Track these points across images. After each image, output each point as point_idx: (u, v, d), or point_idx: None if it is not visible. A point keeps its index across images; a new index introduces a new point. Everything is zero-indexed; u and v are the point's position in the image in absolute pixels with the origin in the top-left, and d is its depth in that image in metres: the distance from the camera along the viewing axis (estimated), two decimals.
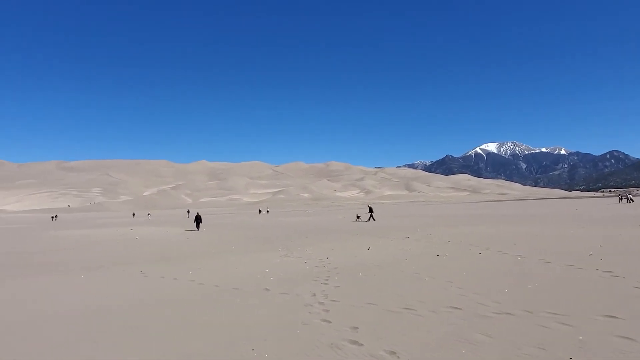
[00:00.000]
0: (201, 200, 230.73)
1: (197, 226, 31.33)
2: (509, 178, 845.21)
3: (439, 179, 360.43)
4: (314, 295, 8.31)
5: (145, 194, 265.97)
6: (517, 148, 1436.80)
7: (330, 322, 6.40)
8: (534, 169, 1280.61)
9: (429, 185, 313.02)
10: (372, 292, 8.47)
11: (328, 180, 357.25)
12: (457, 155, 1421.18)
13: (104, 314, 7.43)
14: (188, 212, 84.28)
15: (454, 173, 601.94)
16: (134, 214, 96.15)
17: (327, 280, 9.88)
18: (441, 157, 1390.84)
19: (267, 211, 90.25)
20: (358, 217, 39.32)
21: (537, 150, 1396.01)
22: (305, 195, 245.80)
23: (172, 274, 11.17)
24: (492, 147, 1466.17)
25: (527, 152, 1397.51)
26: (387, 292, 8.41)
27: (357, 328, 6.05)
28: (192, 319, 6.86)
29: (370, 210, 37.18)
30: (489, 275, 9.90)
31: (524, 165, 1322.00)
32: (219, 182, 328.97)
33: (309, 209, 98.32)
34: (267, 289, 9.03)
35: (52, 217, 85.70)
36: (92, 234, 30.42)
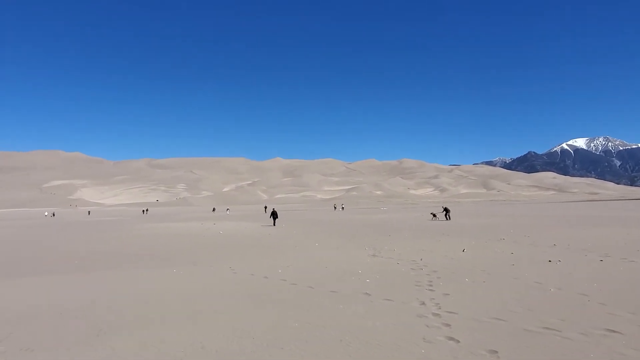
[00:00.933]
0: (276, 196, 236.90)
1: (274, 222, 31.76)
2: (601, 176, 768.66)
3: (520, 177, 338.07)
4: (424, 304, 7.31)
5: (224, 189, 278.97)
6: (609, 143, 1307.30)
7: (458, 341, 5.37)
8: (629, 167, 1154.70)
9: (508, 184, 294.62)
10: (491, 303, 7.28)
11: (401, 177, 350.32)
12: (540, 151, 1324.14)
13: (200, 314, 7.05)
14: (265, 207, 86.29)
15: (536, 171, 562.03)
16: (214, 209, 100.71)
17: (431, 285, 8.82)
18: (523, 154, 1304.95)
19: (342, 207, 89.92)
20: (434, 215, 37.74)
21: (634, 146, 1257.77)
22: (378, 192, 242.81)
23: (261, 272, 10.73)
24: (580, 142, 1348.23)
25: (621, 148, 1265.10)
26: (510, 304, 7.17)
27: (496, 352, 4.97)
28: (294, 324, 6.21)
29: (446, 210, 36.18)
30: (629, 288, 8.23)
31: (618, 163, 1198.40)
32: (294, 179, 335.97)
33: (383, 207, 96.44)
34: (367, 294, 8.17)
35: (143, 210, 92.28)
36: (180, 227, 31.72)
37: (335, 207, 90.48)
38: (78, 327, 6.38)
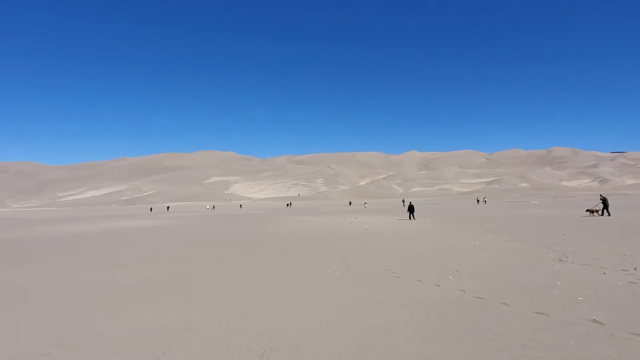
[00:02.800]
0: (412, 189, 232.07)
1: (411, 215, 30.98)
2: None
3: None
4: None
5: (360, 184, 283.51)
6: None
7: None
8: None
9: None
10: None
11: (551, 167, 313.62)
12: None
13: (374, 330, 6.05)
14: (403, 201, 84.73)
15: None
16: (350, 203, 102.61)
17: None
18: None
19: (485, 201, 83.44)
20: (593, 212, 31.08)
21: None
22: (524, 184, 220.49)
23: (428, 278, 9.34)
24: None
25: None
26: None
27: None
28: None
29: (604, 202, 29.85)
30: None
31: None
32: (429, 172, 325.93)
33: (533, 200, 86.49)
34: (597, 321, 6.13)
35: (287, 204, 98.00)
36: (325, 222, 32.11)
37: (478, 201, 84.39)
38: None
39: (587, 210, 32.36)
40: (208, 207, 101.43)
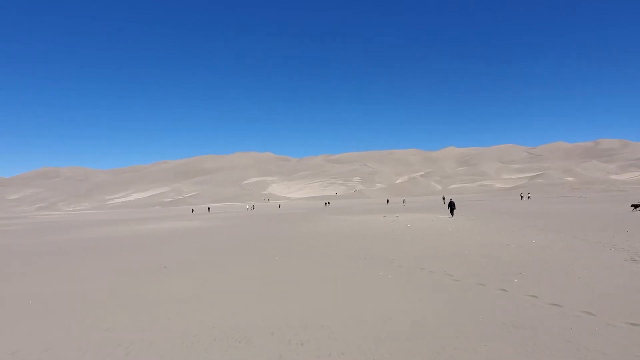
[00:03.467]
0: (450, 186, 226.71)
1: (451, 212, 30.37)
2: None
3: None
4: None
5: (397, 181, 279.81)
6: None
7: None
8: None
9: None
10: None
11: (598, 160, 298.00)
12: None
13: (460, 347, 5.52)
14: (443, 198, 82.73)
15: None
16: (387, 201, 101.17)
17: None
18: None
19: (529, 197, 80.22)
20: (638, 206, 29.57)
21: None
22: (569, 179, 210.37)
23: (491, 281, 8.62)
24: None
25: None
26: None
27: None
28: None
29: None
30: None
31: None
32: (469, 168, 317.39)
33: (582, 195, 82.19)
34: None
35: (326, 203, 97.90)
36: (366, 221, 31.51)
37: (522, 197, 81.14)
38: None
39: (632, 205, 30.91)
40: (248, 207, 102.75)
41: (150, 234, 27.89)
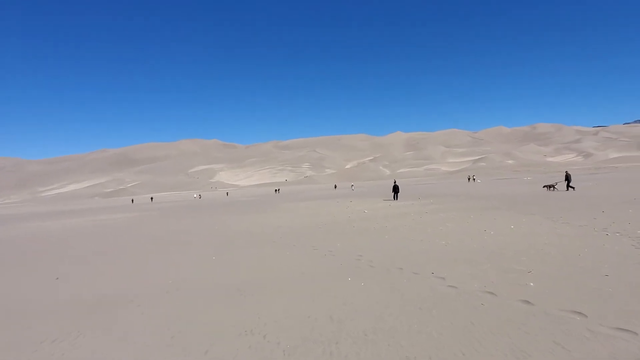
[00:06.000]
0: (398, 170, 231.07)
1: (395, 196, 31.42)
2: None
3: None
4: None
5: (346, 167, 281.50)
6: None
7: None
8: None
9: None
10: None
11: (536, 144, 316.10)
12: None
13: None
14: (395, 181, 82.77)
15: None
16: (335, 186, 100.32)
17: None
18: None
19: (474, 179, 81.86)
20: (551, 187, 30.57)
21: None
22: (510, 162, 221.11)
23: (500, 287, 6.49)
24: None
25: None
26: None
27: None
28: None
29: (567, 178, 30.07)
30: None
31: None
32: (416, 152, 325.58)
33: (526, 177, 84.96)
34: None
35: (276, 190, 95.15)
36: (318, 207, 29.33)
37: (469, 179, 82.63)
38: None
39: (544, 186, 31.83)
40: (195, 196, 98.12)
41: (56, 230, 24.07)
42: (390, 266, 8.47)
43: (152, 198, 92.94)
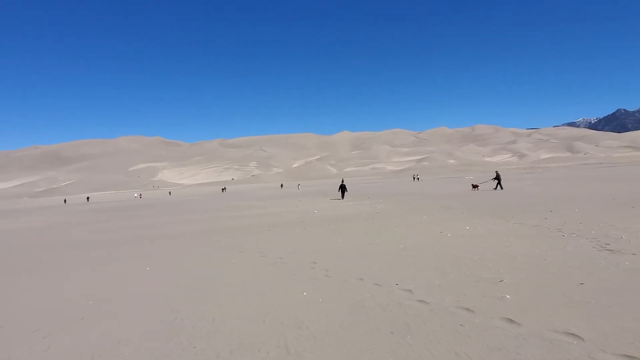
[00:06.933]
0: (346, 169, 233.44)
1: (342, 195, 31.74)
2: None
3: (609, 138, 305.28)
4: None
5: (294, 165, 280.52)
6: None
7: None
8: None
9: (597, 146, 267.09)
10: None
11: (475, 144, 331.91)
12: (632, 108, 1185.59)
13: None
14: (342, 180, 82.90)
15: (628, 130, 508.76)
16: (281, 185, 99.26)
17: None
18: (611, 112, 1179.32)
19: (418, 178, 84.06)
20: (475, 186, 32.00)
21: None
22: (451, 161, 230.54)
23: (477, 302, 5.78)
24: None
25: None
26: None
27: None
28: None
29: (497, 177, 31.21)
30: None
31: None
32: (362, 152, 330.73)
33: (467, 176, 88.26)
34: None
35: (222, 189, 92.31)
36: (266, 206, 28.14)
37: (414, 178, 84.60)
38: None
39: (472, 185, 32.98)
40: (136, 195, 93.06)
41: None
42: (348, 276, 7.61)
43: (88, 198, 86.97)
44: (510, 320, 4.77)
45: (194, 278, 8.38)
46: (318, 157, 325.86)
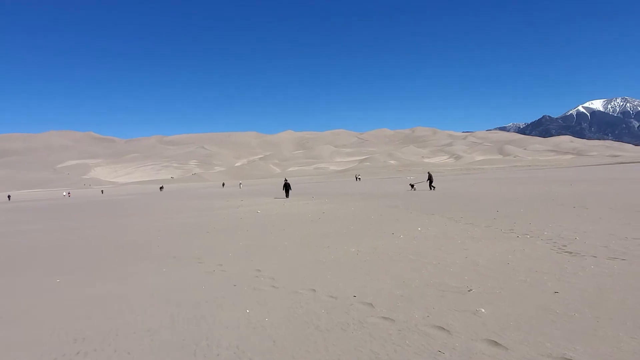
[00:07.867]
0: (289, 169, 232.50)
1: (287, 194, 31.77)
2: (618, 139, 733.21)
3: (536, 142, 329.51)
4: None
5: (236, 164, 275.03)
6: (628, 104, 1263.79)
7: None
8: None
9: (525, 149, 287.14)
10: None
11: (415, 146, 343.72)
12: (555, 115, 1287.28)
13: None
14: (285, 180, 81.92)
15: (552, 135, 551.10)
16: (223, 184, 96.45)
17: None
18: (537, 118, 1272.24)
19: (359, 178, 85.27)
20: (412, 186, 33.39)
21: None
22: (392, 162, 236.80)
23: (451, 319, 5.05)
24: (597, 104, 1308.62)
25: None
26: None
27: None
28: None
29: (430, 178, 32.62)
30: None
31: (636, 124, 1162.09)
32: (305, 151, 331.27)
33: (408, 176, 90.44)
34: None
35: (160, 187, 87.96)
36: (207, 207, 26.48)
37: (356, 178, 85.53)
38: None
39: (410, 185, 34.11)
40: (64, 194, 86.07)
41: None
42: (298, 286, 6.63)
43: (9, 196, 79.01)
44: (495, 343, 4.03)
45: (107, 294, 7.02)
46: (261, 156, 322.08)
